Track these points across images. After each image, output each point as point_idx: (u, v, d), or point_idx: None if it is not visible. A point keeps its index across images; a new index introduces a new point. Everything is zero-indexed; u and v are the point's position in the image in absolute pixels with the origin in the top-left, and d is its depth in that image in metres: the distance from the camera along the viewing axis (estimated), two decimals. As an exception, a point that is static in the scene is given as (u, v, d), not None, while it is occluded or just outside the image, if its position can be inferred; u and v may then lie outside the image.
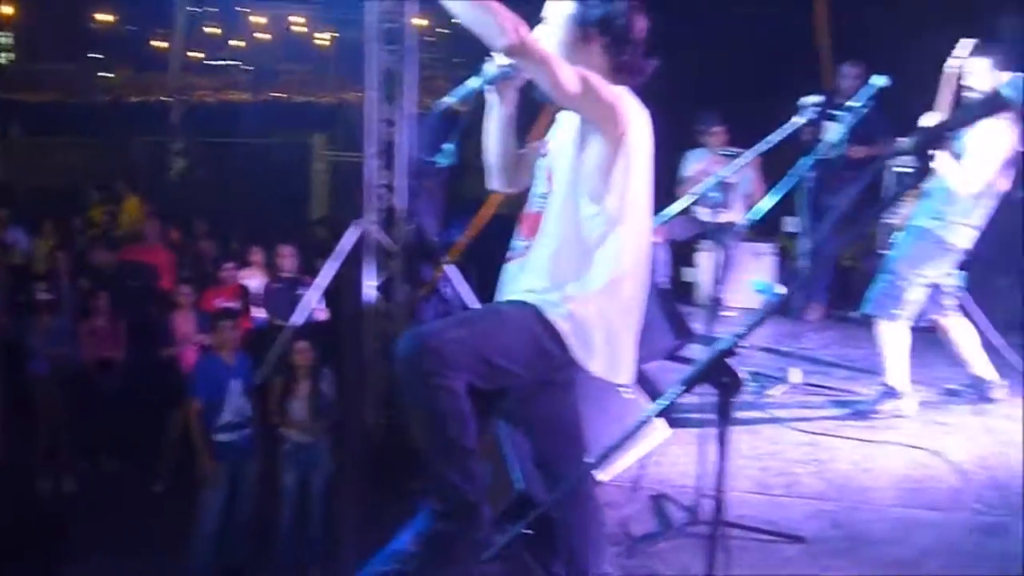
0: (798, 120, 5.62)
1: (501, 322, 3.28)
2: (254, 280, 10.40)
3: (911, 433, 5.94)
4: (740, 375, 2.17)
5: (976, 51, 5.88)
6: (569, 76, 3.08)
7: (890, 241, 7.05)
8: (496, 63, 3.27)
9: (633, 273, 3.35)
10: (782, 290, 2.15)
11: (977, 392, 6.50)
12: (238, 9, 38.80)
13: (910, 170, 1.94)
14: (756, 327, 2.28)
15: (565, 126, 3.40)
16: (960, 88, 5.91)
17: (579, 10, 3.31)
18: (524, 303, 3.30)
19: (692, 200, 5.53)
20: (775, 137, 5.52)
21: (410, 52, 9.26)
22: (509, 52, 3.02)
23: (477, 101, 3.36)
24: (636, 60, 3.36)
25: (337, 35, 38.93)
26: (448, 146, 3.34)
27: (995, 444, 5.81)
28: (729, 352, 2.21)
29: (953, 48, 5.98)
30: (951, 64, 5.92)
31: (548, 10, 3.37)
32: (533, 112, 3.89)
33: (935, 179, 5.82)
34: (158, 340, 9.44)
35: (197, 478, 7.96)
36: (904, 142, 1.89)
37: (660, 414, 2.35)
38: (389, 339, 9.21)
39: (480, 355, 3.14)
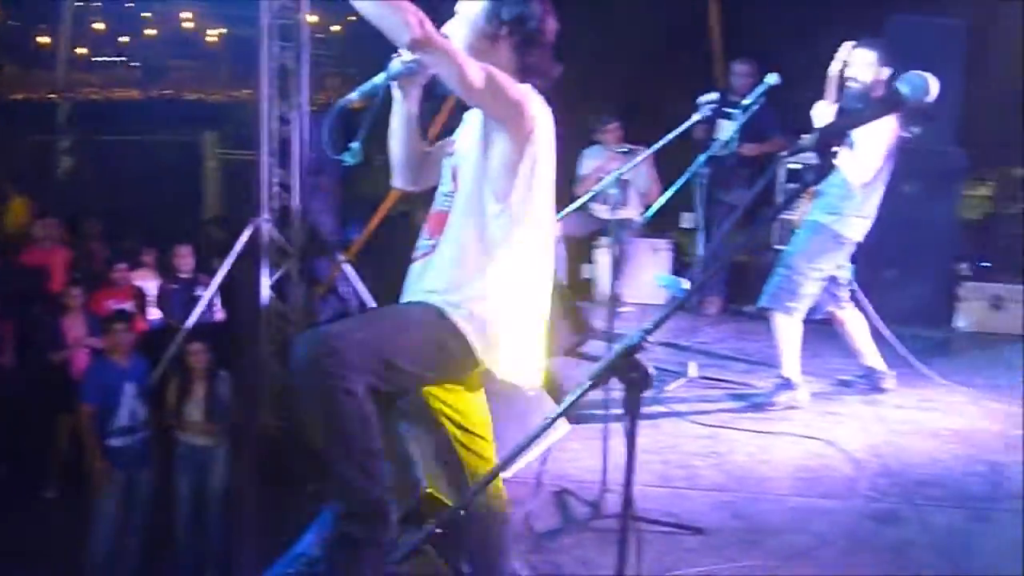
0: (695, 117, 5.69)
1: (403, 323, 3.24)
2: (147, 281, 10.18)
3: (806, 424, 6.08)
4: (649, 370, 2.18)
5: (860, 46, 6.05)
6: (475, 72, 3.05)
7: (784, 236, 7.20)
8: (401, 59, 3.24)
9: (538, 273, 3.34)
10: (687, 285, 2.17)
11: (869, 382, 6.69)
12: (126, 4, 37.98)
13: (809, 167, 1.96)
14: (664, 322, 2.29)
15: (471, 124, 3.37)
16: (844, 83, 6.08)
17: (492, 8, 3.28)
18: (427, 304, 3.26)
19: (591, 197, 5.55)
20: (673, 134, 5.58)
21: (304, 49, 9.16)
22: (414, 47, 2.97)
23: (381, 98, 3.31)
24: (544, 62, 3.35)
25: (227, 31, 38.36)
26: (354, 144, 3.28)
27: (886, 433, 5.99)
28: (637, 347, 2.21)
29: (838, 46, 6.15)
30: (835, 64, 6.08)
31: (461, 5, 3.34)
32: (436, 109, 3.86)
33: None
34: (47, 343, 9.19)
35: (90, 484, 7.78)
36: (805, 139, 1.92)
37: (566, 411, 2.34)
38: (285, 339, 9.13)
39: (381, 357, 3.09)
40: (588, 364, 6.98)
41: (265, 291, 9.11)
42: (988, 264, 8.81)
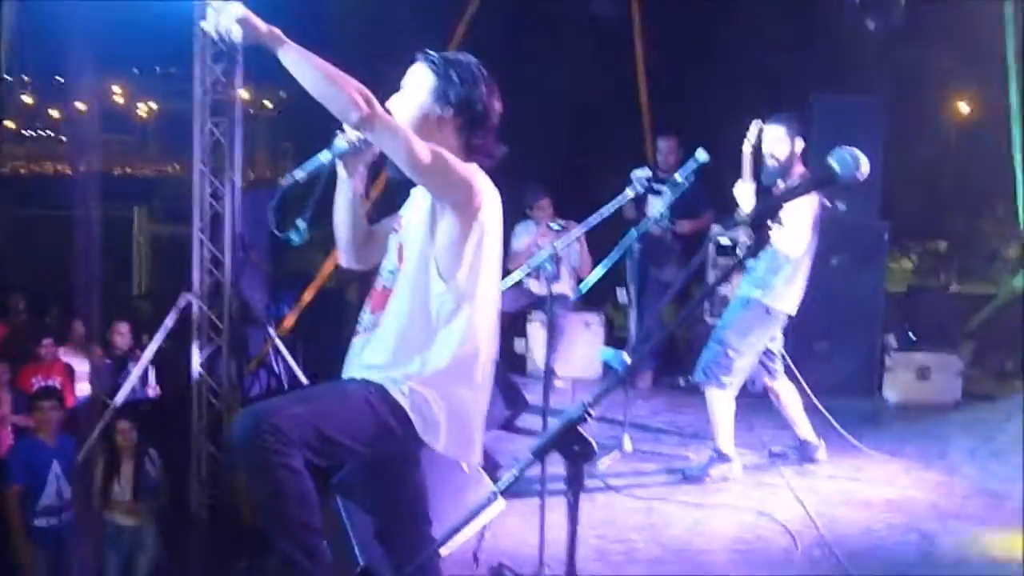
0: (629, 193, 5.77)
1: (342, 399, 3.23)
2: (75, 356, 10.02)
3: (740, 496, 6.11)
4: (592, 443, 2.19)
5: (770, 121, 6.22)
6: (422, 150, 3.07)
7: (714, 309, 7.28)
8: (346, 137, 3.24)
9: (481, 351, 3.34)
10: (629, 359, 2.19)
11: (801, 454, 6.74)
12: (55, 78, 37.73)
13: (744, 243, 2.01)
14: (605, 396, 2.31)
15: (418, 200, 3.37)
16: (757, 159, 6.22)
17: (439, 87, 3.29)
18: (367, 380, 3.26)
19: (525, 272, 5.60)
20: (606, 210, 5.66)
21: (237, 125, 9.16)
22: (360, 125, 3.00)
23: (327, 176, 3.31)
24: (490, 143, 3.37)
25: (158, 106, 38.23)
26: (300, 223, 3.28)
27: (820, 504, 6.02)
28: (579, 420, 2.22)
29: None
30: (746, 143, 6.23)
31: (408, 80, 3.35)
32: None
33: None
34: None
35: (14, 566, 7.56)
36: (741, 216, 1.97)
37: (507, 487, 2.33)
38: (215, 415, 9.02)
39: (320, 432, 3.08)
40: (523, 438, 6.99)
41: (196, 367, 9.00)
42: (914, 335, 8.97)
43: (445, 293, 3.25)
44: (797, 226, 5.93)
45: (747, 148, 6.19)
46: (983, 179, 13.15)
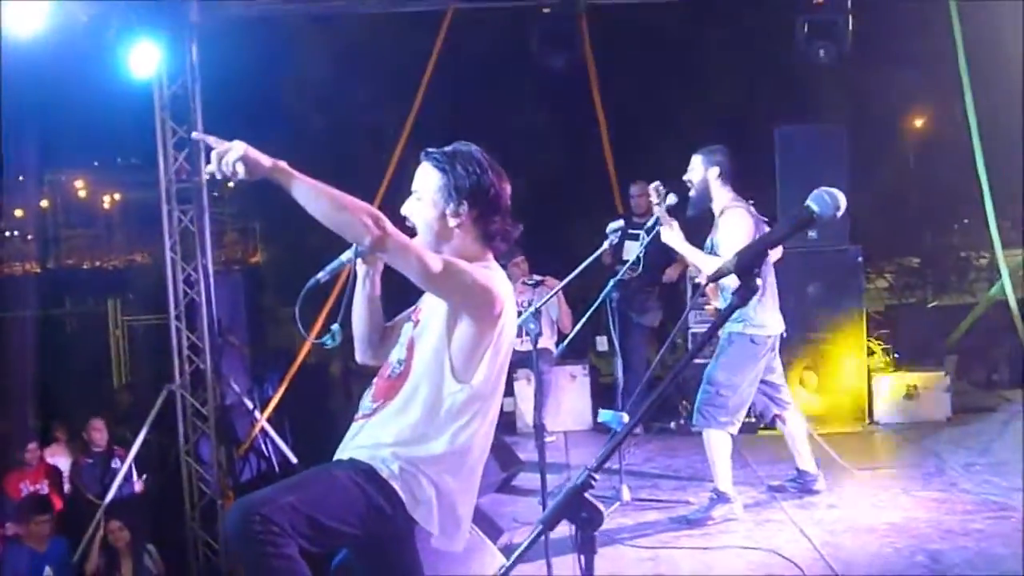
0: (604, 245, 5.80)
1: (331, 484, 3.21)
2: (60, 457, 9.92)
3: (745, 535, 6.06)
4: (599, 508, 2.18)
5: (698, 152, 6.38)
6: (435, 265, 3.07)
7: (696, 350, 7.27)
8: None
9: (476, 447, 3.33)
10: (627, 418, 2.18)
11: (799, 486, 6.72)
12: (18, 178, 37.63)
13: (733, 289, 2.02)
14: (607, 459, 2.29)
15: (437, 298, 3.35)
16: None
17: (448, 184, 3.29)
18: (355, 461, 3.25)
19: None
20: (584, 264, 5.69)
21: (204, 211, 9.16)
22: (373, 248, 3.01)
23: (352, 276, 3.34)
24: (505, 226, 3.37)
25: (121, 196, 38.16)
26: (334, 327, 3.29)
27: (825, 534, 5.99)
28: (584, 486, 2.21)
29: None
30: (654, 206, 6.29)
31: (417, 183, 3.36)
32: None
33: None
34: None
35: None
36: (726, 264, 1.97)
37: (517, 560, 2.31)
38: (207, 504, 8.94)
39: (311, 520, 3.07)
40: (521, 498, 6.94)
41: (183, 456, 8.94)
42: (898, 355, 8.99)
43: (459, 392, 3.25)
44: (734, 250, 5.97)
45: (656, 210, 6.26)
46: (948, 193, 13.30)
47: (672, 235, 6.20)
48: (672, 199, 6.26)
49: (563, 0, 8.85)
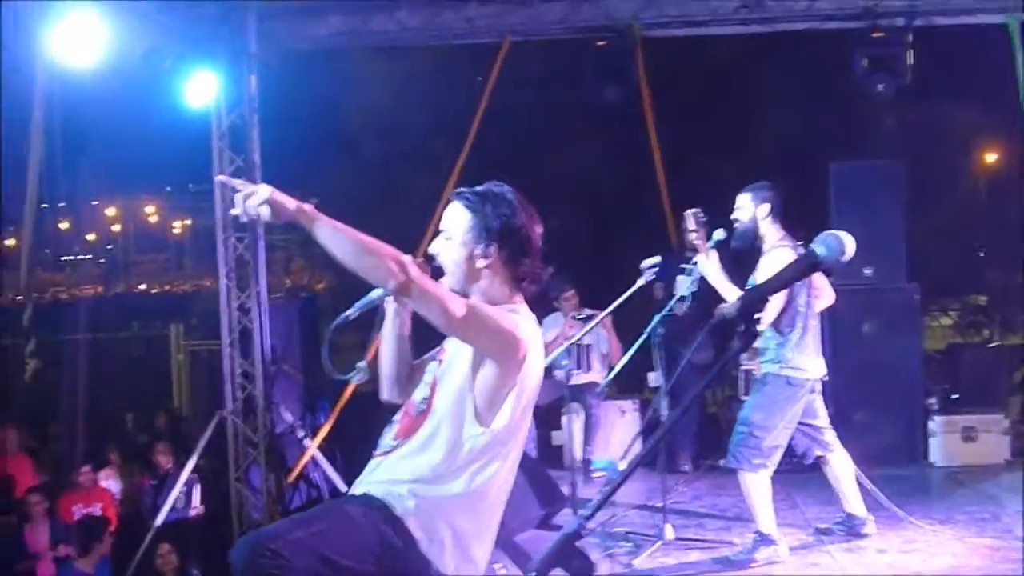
0: (639, 282, 5.75)
1: (343, 519, 3.17)
2: (112, 480, 10.03)
3: (789, 579, 5.95)
4: (591, 558, 2.13)
5: (743, 191, 6.32)
6: (459, 310, 3.04)
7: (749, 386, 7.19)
8: None
9: (499, 486, 3.28)
10: (623, 466, 2.13)
11: (848, 529, 6.57)
12: (91, 203, 38.43)
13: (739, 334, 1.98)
14: (601, 506, 2.24)
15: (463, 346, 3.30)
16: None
17: (478, 224, 3.27)
18: (370, 497, 3.21)
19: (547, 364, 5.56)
20: (618, 301, 5.64)
21: (259, 239, 9.24)
22: (398, 293, 2.99)
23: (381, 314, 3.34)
24: (535, 268, 3.34)
25: (192, 222, 38.78)
26: (360, 364, 3.29)
27: (871, 581, 5.86)
28: (576, 535, 2.16)
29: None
30: (687, 233, 6.29)
31: (446, 223, 3.33)
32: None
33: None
34: (12, 554, 8.95)
35: None
36: (727, 308, 1.93)
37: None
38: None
39: (321, 555, 3.02)
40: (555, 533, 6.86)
41: (233, 482, 8.99)
42: (957, 395, 8.80)
43: (480, 436, 3.21)
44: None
45: (692, 236, 6.21)
46: (1018, 229, 13.03)
47: (708, 265, 6.14)
48: (720, 234, 6.20)
49: (619, 33, 8.84)
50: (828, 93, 10.14)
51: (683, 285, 8.09)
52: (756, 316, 2.22)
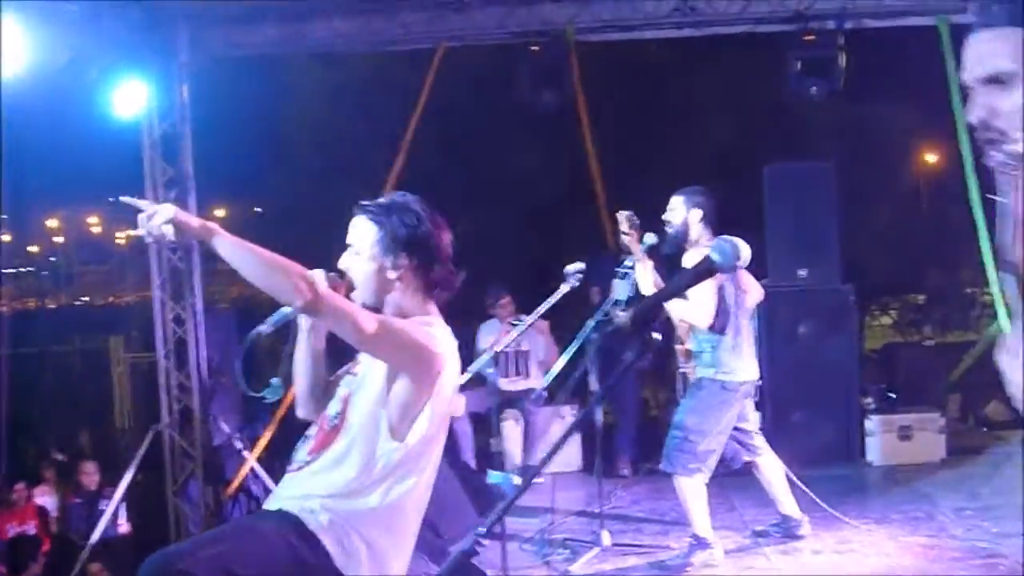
0: (564, 288, 5.73)
1: (255, 537, 3.12)
2: (48, 497, 9.86)
3: (724, 582, 5.95)
4: (486, 574, 2.10)
5: (676, 194, 6.32)
6: (369, 325, 3.01)
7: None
8: None
9: (416, 499, 3.27)
10: (519, 480, 2.10)
11: (784, 531, 6.59)
12: (33, 216, 37.91)
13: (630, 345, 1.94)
14: (497, 522, 2.21)
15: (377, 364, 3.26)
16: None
17: (385, 236, 3.25)
18: (284, 512, 3.16)
19: (475, 373, 5.55)
20: (544, 306, 5.63)
21: (194, 250, 9.12)
22: (306, 310, 2.96)
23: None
24: (447, 275, 3.33)
25: (134, 233, 38.27)
26: (275, 380, 3.24)
27: (806, 582, 5.87)
28: (471, 552, 2.13)
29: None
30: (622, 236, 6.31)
31: (353, 237, 3.31)
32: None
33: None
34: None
35: None
36: (620, 318, 1.90)
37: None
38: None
39: (232, 574, 2.97)
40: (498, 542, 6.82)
41: (170, 497, 8.87)
42: (894, 394, 8.87)
43: (394, 451, 3.18)
44: (699, 297, 5.92)
45: (626, 239, 6.22)
46: (954, 228, 13.14)
47: (641, 271, 6.14)
48: (652, 239, 6.20)
49: (553, 38, 8.82)
50: (763, 96, 10.17)
51: (619, 289, 8.11)
52: (653, 324, 2.20)
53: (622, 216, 6.22)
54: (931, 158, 15.92)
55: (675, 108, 11.25)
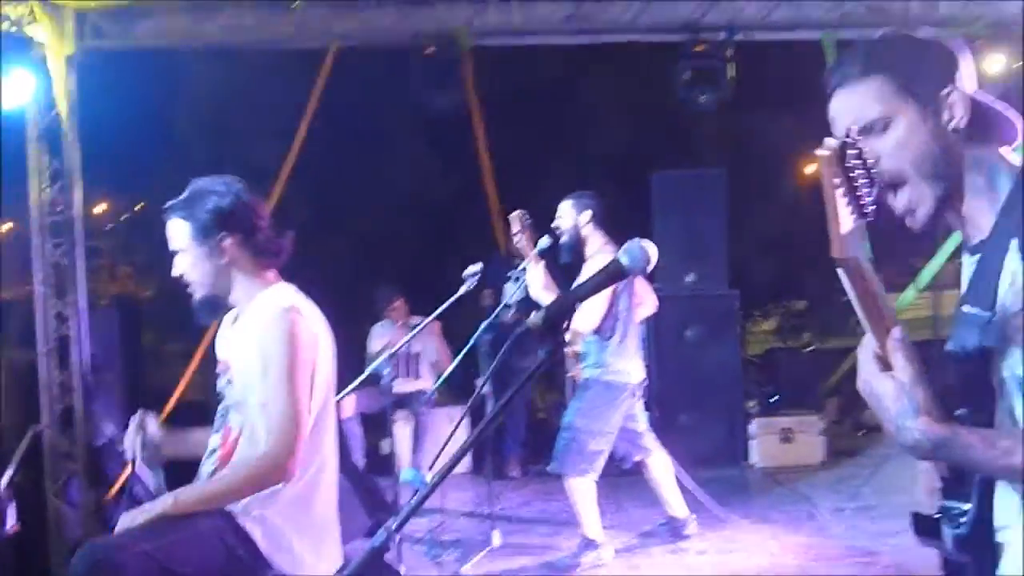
0: (462, 289, 5.77)
1: (190, 533, 3.16)
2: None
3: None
4: (399, 571, 2.12)
5: (567, 197, 6.44)
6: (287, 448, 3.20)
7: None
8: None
9: (327, 479, 3.38)
10: (431, 478, 2.14)
11: (671, 530, 6.71)
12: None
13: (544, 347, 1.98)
14: (409, 518, 2.23)
15: (245, 351, 3.34)
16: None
17: (196, 227, 3.30)
18: (217, 510, 3.22)
19: (371, 373, 5.55)
20: (441, 308, 5.66)
21: (78, 245, 8.90)
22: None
23: None
24: (271, 241, 3.38)
25: (13, 226, 37.23)
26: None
27: (692, 582, 6.00)
28: (384, 549, 2.14)
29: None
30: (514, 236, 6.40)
31: (174, 241, 3.36)
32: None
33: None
34: None
35: None
36: (532, 319, 1.94)
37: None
38: (76, 547, 8.64)
39: (167, 569, 3.03)
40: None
41: (51, 498, 8.65)
42: (776, 398, 9.08)
43: None
44: (587, 302, 5.99)
45: (516, 239, 6.30)
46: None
47: (533, 274, 6.21)
48: (546, 242, 6.26)
49: (448, 41, 8.84)
50: (654, 104, 10.33)
51: (510, 292, 8.17)
52: (564, 325, 2.23)
53: (514, 216, 6.28)
54: (812, 167, 16.30)
55: (568, 114, 11.34)
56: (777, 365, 10.15)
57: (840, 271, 1.72)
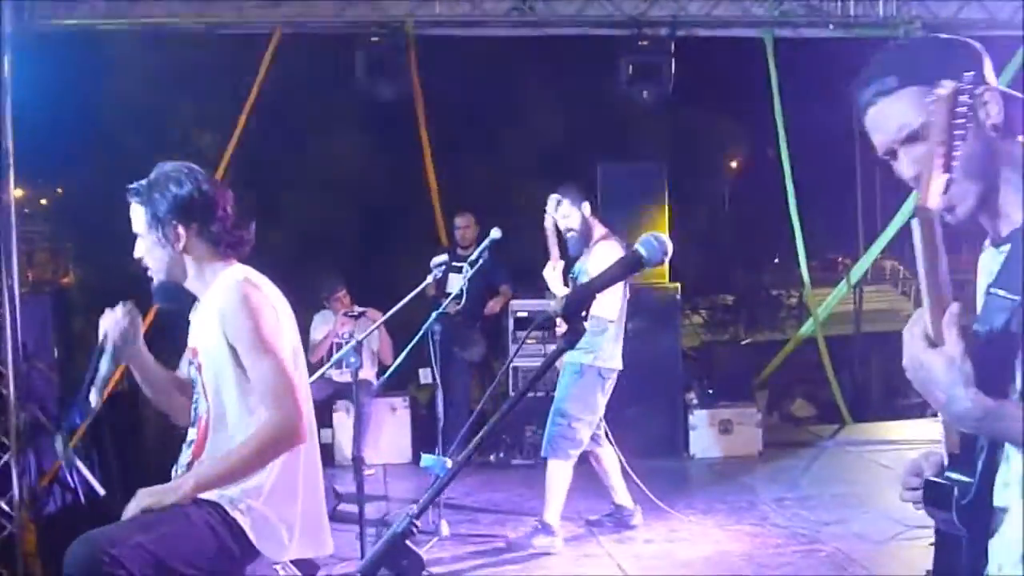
0: (428, 279, 5.78)
1: (183, 524, 3.15)
2: None
3: (564, 569, 6.10)
4: (420, 555, 2.13)
5: (561, 197, 6.40)
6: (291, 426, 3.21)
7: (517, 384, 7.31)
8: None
9: (309, 459, 3.35)
10: (451, 464, 2.14)
11: (617, 520, 6.78)
12: None
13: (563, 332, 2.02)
14: (428, 505, 2.23)
15: (210, 332, 3.30)
16: (560, 234, 6.40)
17: (153, 213, 3.26)
18: (207, 500, 3.20)
19: (333, 366, 5.55)
20: (407, 298, 5.67)
21: (10, 229, 8.71)
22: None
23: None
24: (230, 232, 3.34)
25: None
26: (92, 396, 3.43)
27: (642, 569, 6.07)
28: (406, 534, 2.15)
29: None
30: (547, 219, 6.38)
31: (134, 224, 3.34)
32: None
33: None
34: None
35: None
36: (553, 306, 1.96)
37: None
38: (9, 537, 8.48)
39: (161, 562, 3.03)
40: (338, 533, 6.77)
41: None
42: (712, 390, 9.20)
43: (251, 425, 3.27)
44: (611, 290, 6.06)
45: (549, 224, 6.36)
46: (761, 232, 13.74)
47: (552, 273, 6.29)
48: (496, 233, 6.25)
49: (392, 30, 8.81)
50: (596, 98, 10.42)
51: (456, 283, 8.19)
52: (583, 315, 2.25)
53: (552, 200, 6.29)
54: (745, 162, 16.56)
55: (512, 106, 11.38)
56: (712, 358, 10.29)
57: (915, 224, 1.74)
